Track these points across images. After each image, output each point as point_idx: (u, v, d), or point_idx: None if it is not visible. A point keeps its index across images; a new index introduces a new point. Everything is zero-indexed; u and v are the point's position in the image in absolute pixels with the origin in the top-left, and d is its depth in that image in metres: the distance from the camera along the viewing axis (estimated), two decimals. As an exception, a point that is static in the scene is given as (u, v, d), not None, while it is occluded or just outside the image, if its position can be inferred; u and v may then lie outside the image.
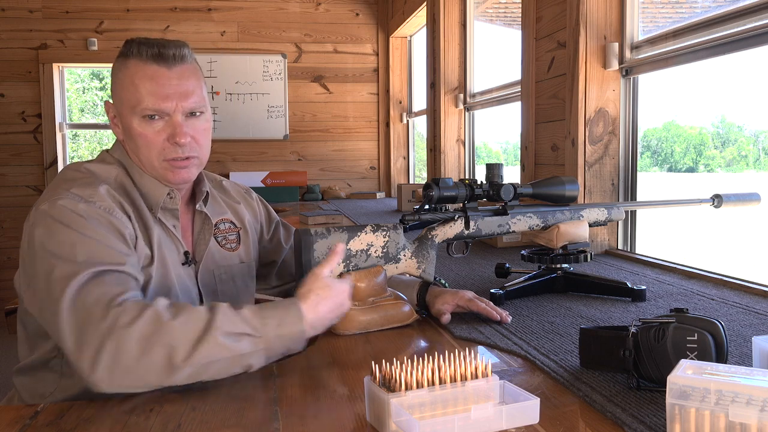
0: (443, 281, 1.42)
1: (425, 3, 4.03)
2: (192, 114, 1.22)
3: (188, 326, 0.95)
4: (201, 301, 1.29)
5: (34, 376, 1.19)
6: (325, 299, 1.06)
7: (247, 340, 0.97)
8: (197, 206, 1.30)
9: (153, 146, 1.19)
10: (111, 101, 1.25)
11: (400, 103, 5.30)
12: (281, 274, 1.52)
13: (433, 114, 3.95)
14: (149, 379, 0.93)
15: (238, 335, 0.96)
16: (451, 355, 0.84)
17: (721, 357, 0.88)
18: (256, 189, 5.28)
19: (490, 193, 1.41)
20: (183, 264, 1.26)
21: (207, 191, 1.31)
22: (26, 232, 1.11)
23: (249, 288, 1.42)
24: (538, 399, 0.81)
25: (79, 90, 10.83)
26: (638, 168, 2.19)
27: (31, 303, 1.09)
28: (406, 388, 0.80)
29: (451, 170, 3.83)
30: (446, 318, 1.30)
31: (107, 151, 1.29)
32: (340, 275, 1.28)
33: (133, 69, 1.19)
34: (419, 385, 0.80)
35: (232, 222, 1.38)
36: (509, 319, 1.30)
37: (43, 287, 1.03)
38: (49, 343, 1.14)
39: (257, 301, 1.57)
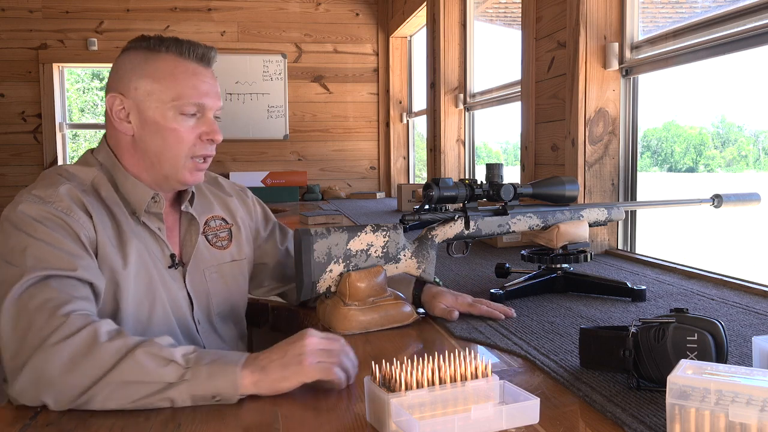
0: (438, 279, 1.42)
1: (425, 3, 4.03)
2: (217, 117, 1.23)
3: (116, 347, 0.91)
4: (191, 304, 1.27)
5: None
6: (275, 350, 0.95)
7: (173, 367, 0.90)
8: (183, 207, 1.28)
9: (185, 142, 1.18)
10: (118, 94, 1.19)
11: (400, 103, 5.30)
12: (278, 276, 1.48)
13: (433, 114, 3.95)
14: (69, 400, 0.89)
15: (163, 359, 0.90)
16: (451, 355, 0.84)
17: (721, 357, 0.88)
18: (256, 189, 5.26)
19: (490, 193, 1.41)
20: (169, 267, 1.24)
21: (192, 191, 1.30)
22: None
23: (241, 287, 1.38)
24: (538, 399, 0.81)
25: (79, 90, 10.83)
26: (638, 168, 2.19)
27: None
28: (406, 388, 0.79)
29: (451, 170, 3.83)
30: (455, 315, 1.29)
31: (91, 151, 1.25)
32: (341, 276, 1.28)
33: (171, 63, 1.17)
34: (419, 385, 0.80)
35: (223, 219, 1.36)
36: (513, 313, 1.32)
37: None
38: None
39: (253, 303, 1.56)
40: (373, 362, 0.83)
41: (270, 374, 0.91)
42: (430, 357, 0.83)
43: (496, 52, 3.89)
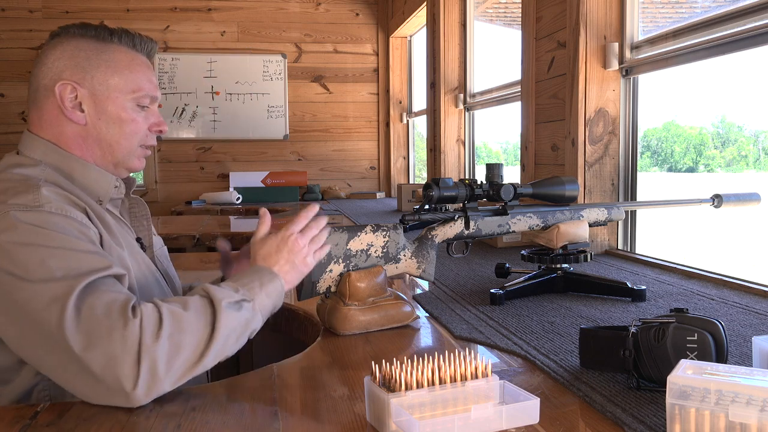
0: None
1: (425, 3, 4.03)
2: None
3: (200, 311, 0.95)
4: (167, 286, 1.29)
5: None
6: (277, 252, 1.13)
7: (246, 306, 1.00)
8: (131, 193, 1.28)
9: (138, 133, 1.19)
10: (71, 82, 1.12)
11: (400, 103, 5.30)
12: None
13: (433, 114, 3.95)
14: (185, 374, 0.92)
15: (237, 303, 0.99)
16: (451, 355, 0.84)
17: (721, 357, 0.88)
18: (256, 189, 5.24)
19: (490, 193, 1.41)
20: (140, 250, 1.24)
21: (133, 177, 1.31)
22: None
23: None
24: (538, 399, 0.81)
25: (79, 90, 10.79)
26: (638, 168, 2.19)
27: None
28: (406, 388, 0.79)
29: (451, 170, 3.83)
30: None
31: (17, 154, 1.17)
32: (341, 276, 1.28)
33: (127, 55, 1.17)
34: (419, 385, 0.80)
35: None
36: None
37: (21, 319, 0.92)
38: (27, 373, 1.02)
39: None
40: (373, 362, 0.83)
41: (289, 278, 1.11)
42: (430, 357, 0.83)
43: (496, 52, 3.89)
